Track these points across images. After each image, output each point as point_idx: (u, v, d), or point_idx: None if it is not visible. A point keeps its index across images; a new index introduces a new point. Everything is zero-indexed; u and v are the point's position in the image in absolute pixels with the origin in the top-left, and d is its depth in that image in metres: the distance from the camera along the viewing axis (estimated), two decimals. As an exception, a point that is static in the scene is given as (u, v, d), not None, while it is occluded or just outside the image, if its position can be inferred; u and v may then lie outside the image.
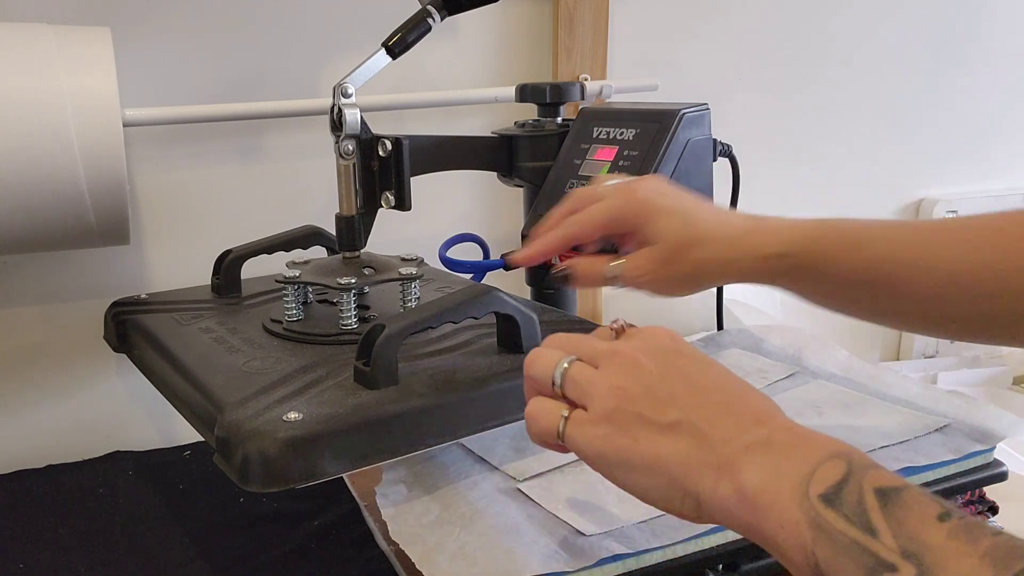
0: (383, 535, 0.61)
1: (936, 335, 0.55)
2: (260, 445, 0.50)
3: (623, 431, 0.41)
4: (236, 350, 0.65)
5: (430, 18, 0.69)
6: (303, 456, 0.50)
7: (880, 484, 0.35)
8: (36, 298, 0.84)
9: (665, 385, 0.41)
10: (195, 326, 0.71)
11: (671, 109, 0.71)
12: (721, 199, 0.82)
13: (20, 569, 0.64)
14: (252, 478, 0.50)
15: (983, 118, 1.28)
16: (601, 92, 0.96)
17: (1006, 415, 0.68)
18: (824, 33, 1.14)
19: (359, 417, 0.52)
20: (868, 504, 0.34)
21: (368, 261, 0.69)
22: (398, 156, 0.67)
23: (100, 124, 0.68)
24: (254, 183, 0.89)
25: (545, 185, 0.76)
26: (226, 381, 0.58)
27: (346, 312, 0.66)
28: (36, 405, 0.86)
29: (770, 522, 0.36)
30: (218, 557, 0.64)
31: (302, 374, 0.58)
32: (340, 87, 0.66)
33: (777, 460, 0.38)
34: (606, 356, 0.44)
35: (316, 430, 0.51)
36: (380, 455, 0.53)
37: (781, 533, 0.36)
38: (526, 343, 0.61)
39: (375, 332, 0.56)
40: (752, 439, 0.39)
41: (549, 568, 0.50)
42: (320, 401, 0.54)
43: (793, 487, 0.36)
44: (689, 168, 0.70)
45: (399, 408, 0.54)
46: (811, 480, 0.36)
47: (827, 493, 0.35)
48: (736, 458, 0.38)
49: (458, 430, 0.56)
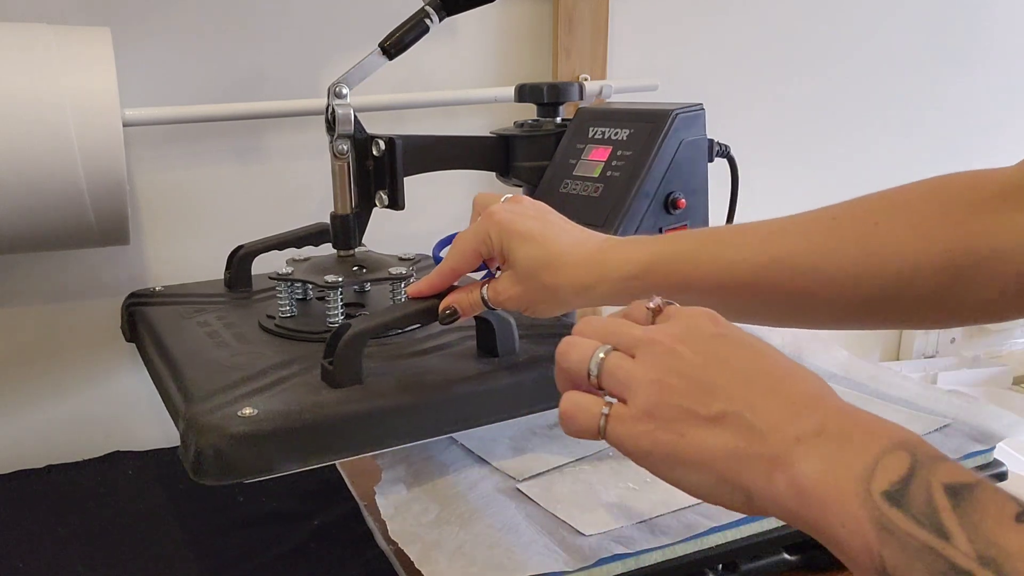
0: (383, 535, 0.61)
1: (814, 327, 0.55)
2: (212, 439, 0.51)
3: (667, 427, 0.39)
4: (224, 344, 0.65)
5: (428, 19, 0.69)
6: (253, 451, 0.51)
7: (951, 480, 0.32)
8: (36, 298, 0.84)
9: (707, 374, 0.39)
10: (195, 319, 0.72)
11: (664, 109, 0.70)
12: (721, 200, 0.83)
13: (20, 569, 0.64)
14: (205, 471, 0.51)
15: (982, 118, 1.28)
16: (601, 92, 0.96)
17: (1006, 415, 0.68)
18: (824, 33, 1.14)
19: (314, 415, 0.53)
20: (938, 504, 0.32)
21: (362, 260, 0.69)
22: (391, 156, 0.68)
23: (100, 124, 0.68)
24: (254, 183, 0.89)
25: (541, 185, 0.76)
26: (202, 375, 0.59)
27: (333, 310, 0.66)
28: (36, 405, 0.86)
29: (830, 519, 0.34)
30: (218, 557, 0.64)
31: (277, 370, 0.59)
32: (334, 88, 0.66)
33: (834, 451, 0.35)
34: (644, 345, 0.41)
35: (267, 426, 0.51)
36: (334, 454, 0.54)
37: (843, 532, 0.34)
38: (502, 347, 0.61)
39: (341, 331, 0.56)
40: (805, 428, 0.37)
41: (548, 568, 0.50)
42: (281, 398, 0.55)
43: (854, 482, 0.34)
44: (683, 168, 0.70)
45: (357, 408, 0.54)
46: (873, 474, 0.34)
47: (892, 490, 0.33)
48: (789, 449, 0.36)
49: (419, 432, 0.57)
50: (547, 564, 0.50)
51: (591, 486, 0.59)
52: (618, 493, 0.58)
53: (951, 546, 0.31)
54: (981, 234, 0.47)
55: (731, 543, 0.55)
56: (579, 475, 0.61)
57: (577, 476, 0.61)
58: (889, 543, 0.32)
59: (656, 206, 0.69)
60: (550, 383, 0.59)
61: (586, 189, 0.71)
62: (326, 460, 0.53)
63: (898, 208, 0.50)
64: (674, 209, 0.70)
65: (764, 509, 0.38)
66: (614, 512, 0.56)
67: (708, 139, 0.74)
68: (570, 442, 0.66)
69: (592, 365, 0.42)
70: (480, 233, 0.56)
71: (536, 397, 0.60)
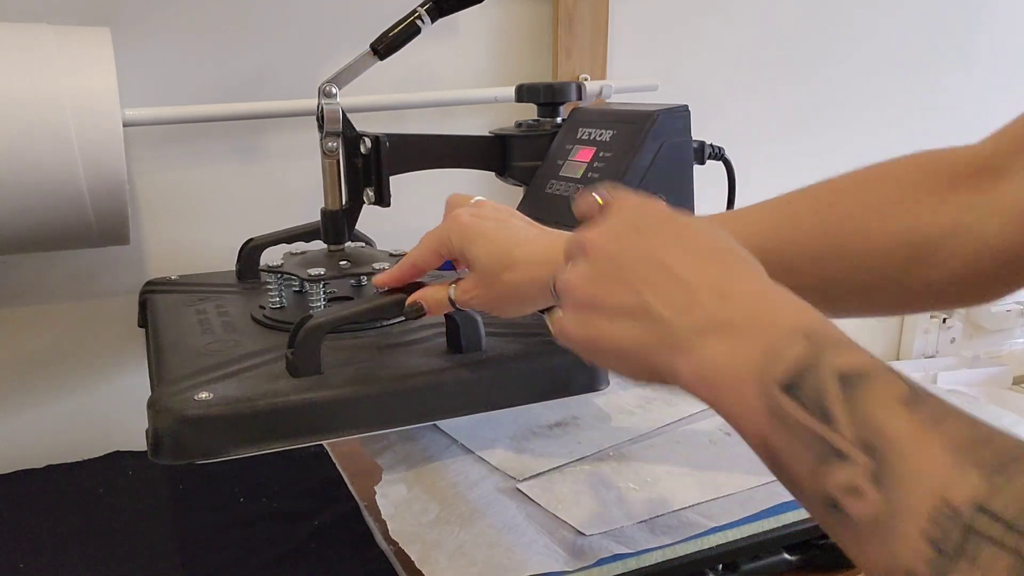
0: (383, 535, 0.61)
1: None
2: (167, 421, 0.53)
3: (587, 321, 0.41)
4: (210, 332, 0.67)
5: (419, 20, 0.70)
6: (204, 434, 0.53)
7: (845, 368, 0.32)
8: (36, 298, 0.84)
9: (626, 270, 0.40)
10: (195, 307, 0.74)
11: (645, 111, 0.70)
12: (720, 200, 0.83)
13: (20, 569, 0.64)
14: (161, 451, 0.53)
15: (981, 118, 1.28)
16: (601, 92, 0.96)
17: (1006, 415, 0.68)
18: (825, 33, 1.14)
19: (267, 403, 0.54)
20: (828, 390, 0.32)
21: (350, 255, 0.71)
22: (377, 154, 0.69)
23: (100, 124, 0.68)
24: (254, 183, 0.89)
25: (531, 185, 0.76)
26: (178, 360, 0.61)
27: (315, 303, 0.68)
28: (36, 405, 0.86)
29: (730, 405, 0.35)
30: (218, 557, 0.64)
31: (249, 358, 0.60)
32: (324, 87, 0.68)
33: (735, 340, 0.36)
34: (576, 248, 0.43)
35: (218, 411, 0.53)
36: (284, 440, 0.55)
37: (740, 420, 0.35)
38: (466, 343, 0.62)
39: (303, 323, 0.58)
40: (708, 317, 0.37)
41: (548, 567, 0.50)
42: (240, 385, 0.56)
43: (752, 371, 0.34)
44: (665, 170, 0.69)
45: (310, 397, 0.55)
46: (772, 363, 0.34)
47: (787, 378, 0.33)
48: (690, 339, 0.37)
49: (370, 424, 0.58)
50: (547, 564, 0.50)
51: (591, 486, 0.59)
52: (618, 493, 0.58)
53: (832, 430, 0.31)
54: (948, 211, 0.47)
55: (731, 543, 0.55)
56: (579, 475, 0.61)
57: (577, 476, 0.61)
58: (778, 429, 0.33)
59: None
60: (511, 380, 0.61)
61: (568, 190, 0.71)
62: (276, 446, 0.55)
63: (856, 186, 0.50)
64: None
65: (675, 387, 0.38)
66: (614, 512, 0.56)
67: (699, 141, 0.73)
68: (570, 442, 0.66)
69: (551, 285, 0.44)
70: (442, 234, 0.57)
71: (496, 394, 0.61)
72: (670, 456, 0.63)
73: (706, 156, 0.75)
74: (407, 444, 0.66)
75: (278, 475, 0.75)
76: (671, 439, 0.66)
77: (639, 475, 0.59)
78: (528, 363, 0.62)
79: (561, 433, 0.67)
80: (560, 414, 0.70)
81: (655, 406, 0.72)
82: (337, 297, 0.74)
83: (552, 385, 0.63)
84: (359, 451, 0.69)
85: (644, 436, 0.67)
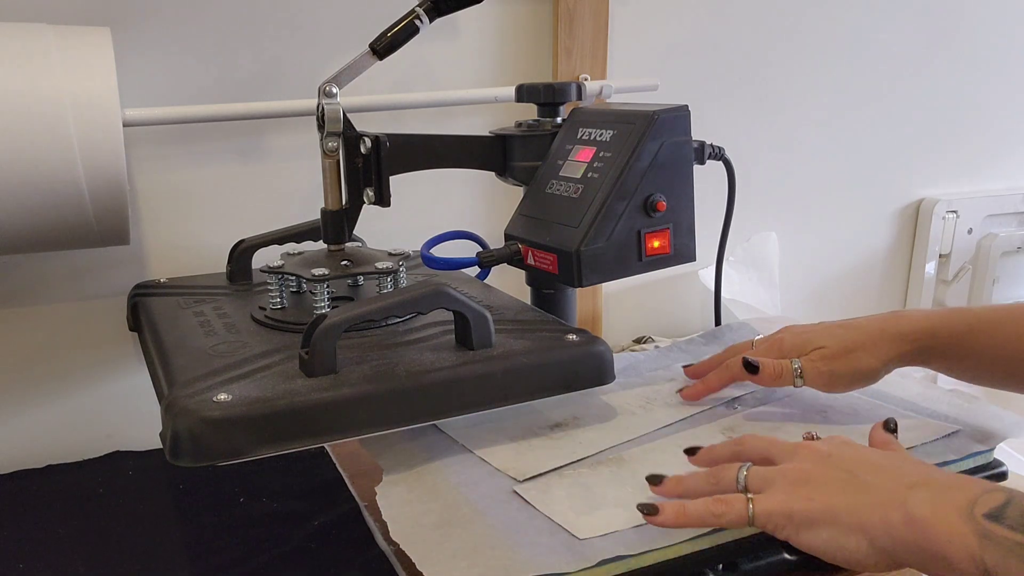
0: (383, 535, 0.61)
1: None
2: (187, 422, 0.52)
3: (799, 496, 0.50)
4: (213, 333, 0.67)
5: (418, 20, 0.70)
6: (226, 435, 0.52)
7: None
8: (36, 298, 0.84)
9: (835, 459, 0.51)
10: (192, 310, 0.74)
11: (645, 111, 0.69)
12: (720, 200, 0.83)
13: (20, 569, 0.64)
14: (180, 453, 0.52)
15: (983, 118, 1.28)
16: (601, 92, 0.96)
17: (1007, 415, 0.68)
18: (825, 33, 1.14)
19: (285, 402, 0.54)
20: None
21: (351, 254, 0.71)
22: (377, 154, 0.69)
23: (100, 124, 0.68)
24: (254, 183, 0.89)
25: (531, 185, 0.76)
26: (187, 362, 0.61)
27: (320, 303, 0.67)
28: (36, 405, 0.86)
29: (939, 538, 0.44)
30: (218, 557, 0.64)
31: (259, 359, 0.60)
32: (324, 87, 0.68)
33: (940, 492, 0.46)
34: (802, 448, 0.54)
35: (239, 412, 0.53)
36: (304, 440, 0.55)
37: (950, 547, 0.43)
38: (476, 339, 0.62)
39: (317, 322, 0.58)
40: (915, 480, 0.47)
41: (550, 568, 0.50)
42: (257, 385, 0.56)
43: (959, 510, 0.44)
44: (665, 170, 0.69)
45: (328, 396, 0.55)
46: (975, 504, 0.44)
47: (991, 512, 0.43)
48: (903, 493, 0.47)
49: (388, 421, 0.58)
50: (548, 564, 0.50)
51: (590, 488, 0.59)
52: (617, 495, 0.58)
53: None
54: None
55: (731, 543, 0.55)
56: (578, 477, 0.61)
57: (576, 479, 0.61)
58: (989, 548, 0.42)
59: (634, 208, 0.68)
60: (520, 375, 0.61)
61: (567, 190, 0.71)
62: (296, 446, 0.55)
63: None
64: (654, 212, 0.69)
65: (882, 547, 0.47)
66: (614, 514, 0.56)
67: (699, 141, 0.73)
68: (571, 443, 0.66)
69: (740, 477, 0.53)
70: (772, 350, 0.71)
71: (507, 390, 0.61)
72: (671, 457, 0.63)
73: (706, 156, 0.75)
74: (408, 445, 0.66)
75: (278, 476, 0.75)
76: (672, 440, 0.66)
77: (637, 478, 0.59)
78: (538, 358, 0.62)
79: (562, 434, 0.67)
80: (561, 414, 0.70)
81: (656, 407, 0.72)
82: (337, 297, 0.74)
83: (563, 379, 0.63)
84: (359, 452, 0.69)
85: (645, 437, 0.67)
